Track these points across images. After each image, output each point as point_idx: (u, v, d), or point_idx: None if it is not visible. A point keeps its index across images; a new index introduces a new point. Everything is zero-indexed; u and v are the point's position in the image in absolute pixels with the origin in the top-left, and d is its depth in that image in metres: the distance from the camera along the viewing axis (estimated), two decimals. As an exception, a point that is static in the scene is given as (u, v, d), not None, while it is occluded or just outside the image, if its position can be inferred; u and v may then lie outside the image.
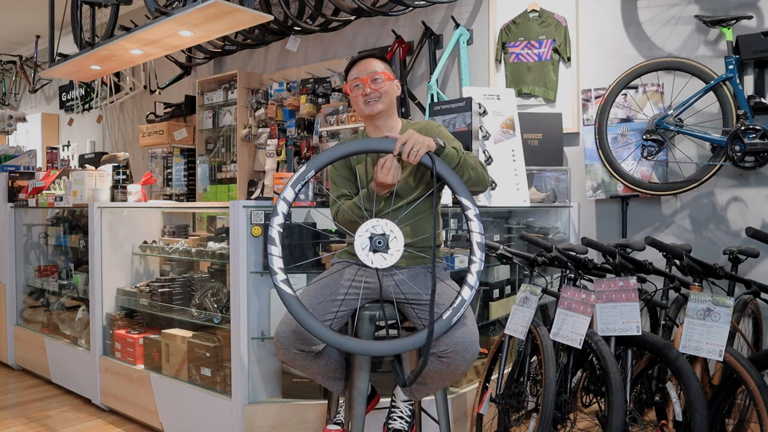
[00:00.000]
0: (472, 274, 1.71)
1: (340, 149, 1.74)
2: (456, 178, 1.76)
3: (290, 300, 1.65)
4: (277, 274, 1.64)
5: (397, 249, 1.66)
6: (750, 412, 2.34)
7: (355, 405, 1.95)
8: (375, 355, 1.80)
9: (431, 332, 1.68)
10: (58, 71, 4.09)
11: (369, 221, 1.66)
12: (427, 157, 1.74)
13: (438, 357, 1.79)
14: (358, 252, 1.65)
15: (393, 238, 1.65)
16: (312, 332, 1.66)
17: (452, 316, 1.71)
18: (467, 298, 1.72)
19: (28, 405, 3.38)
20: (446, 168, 1.76)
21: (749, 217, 2.98)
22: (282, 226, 1.66)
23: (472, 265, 1.72)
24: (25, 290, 4.14)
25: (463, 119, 2.77)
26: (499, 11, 3.80)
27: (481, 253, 1.72)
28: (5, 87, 8.42)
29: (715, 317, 1.90)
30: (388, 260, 1.65)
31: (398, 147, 1.74)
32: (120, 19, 3.86)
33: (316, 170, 1.70)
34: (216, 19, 3.01)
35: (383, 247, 1.64)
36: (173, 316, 3.00)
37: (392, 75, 2.07)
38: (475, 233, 1.72)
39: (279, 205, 1.67)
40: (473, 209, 1.72)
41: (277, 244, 1.65)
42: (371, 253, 1.65)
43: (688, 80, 3.03)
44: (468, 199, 1.73)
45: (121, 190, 3.35)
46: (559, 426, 2.09)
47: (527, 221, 3.28)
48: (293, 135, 4.78)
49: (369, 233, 1.65)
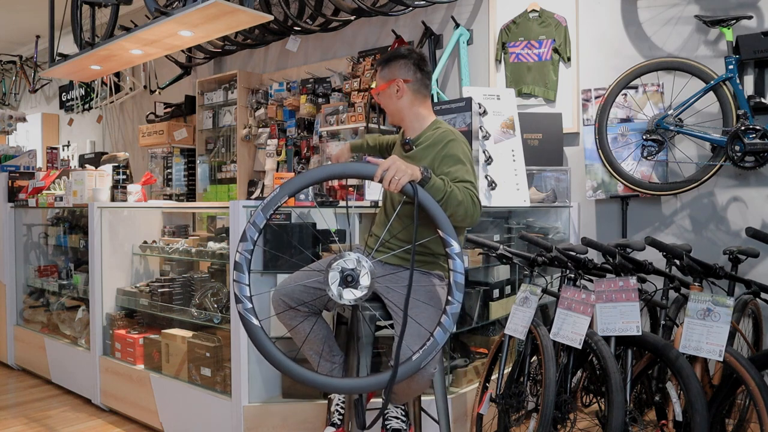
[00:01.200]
0: (448, 316, 1.59)
1: (317, 173, 1.63)
2: (439, 211, 1.63)
3: (255, 330, 1.56)
4: (241, 302, 1.54)
5: (367, 285, 1.58)
6: (750, 412, 2.34)
7: (355, 405, 1.95)
8: (337, 392, 1.81)
9: (394, 376, 1.57)
10: (58, 71, 4.09)
11: (340, 255, 1.59)
12: (410, 186, 1.63)
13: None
14: (327, 287, 1.59)
15: (364, 274, 1.58)
16: (274, 364, 1.58)
17: (421, 359, 1.59)
18: (440, 341, 1.59)
19: (28, 405, 3.38)
20: (430, 200, 1.64)
21: (749, 217, 2.98)
22: (250, 252, 1.55)
23: (449, 306, 1.59)
24: (25, 290, 4.14)
25: (463, 119, 2.77)
26: (499, 11, 3.80)
27: (459, 294, 1.60)
28: (5, 87, 8.42)
29: (715, 317, 1.90)
30: (357, 295, 1.58)
31: (379, 173, 1.64)
32: (120, 19, 3.86)
33: (290, 195, 1.60)
34: (216, 19, 3.01)
35: (353, 283, 1.58)
36: (173, 316, 3.00)
37: (387, 81, 2.04)
38: (455, 272, 1.60)
39: (248, 230, 1.56)
40: (455, 246, 1.60)
41: (244, 270, 1.54)
42: (341, 288, 1.58)
43: (688, 80, 3.03)
44: (450, 235, 1.61)
45: (121, 190, 3.35)
46: (559, 426, 2.09)
47: (527, 221, 3.28)
48: (293, 135, 4.78)
49: (339, 267, 1.58)
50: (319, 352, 2.03)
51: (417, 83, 2.05)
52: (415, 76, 2.04)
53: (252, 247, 1.56)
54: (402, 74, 2.04)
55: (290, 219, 2.58)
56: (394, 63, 2.06)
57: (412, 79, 2.04)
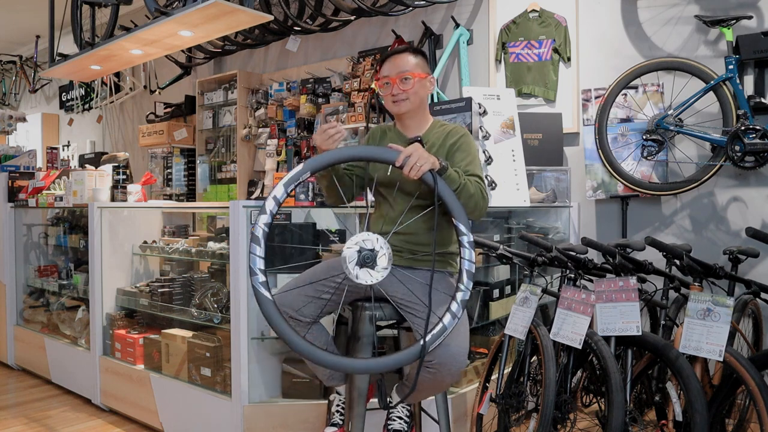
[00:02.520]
0: (457, 302, 1.66)
1: (341, 153, 1.69)
2: (456, 201, 1.70)
3: (267, 303, 1.58)
4: (256, 275, 1.57)
5: (384, 267, 1.60)
6: (750, 412, 2.34)
7: (355, 405, 1.95)
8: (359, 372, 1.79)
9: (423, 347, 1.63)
10: (58, 71, 4.10)
11: (360, 234, 1.60)
12: (430, 175, 1.69)
13: (425, 367, 1.78)
14: (344, 264, 1.60)
15: (382, 255, 1.60)
16: (286, 340, 1.60)
17: (431, 342, 1.65)
18: (448, 326, 1.66)
19: (28, 405, 3.38)
20: (447, 189, 1.71)
21: (749, 217, 2.98)
22: (268, 225, 1.58)
23: (459, 293, 1.66)
24: (25, 290, 4.14)
25: (463, 119, 2.78)
26: (499, 11, 3.80)
27: (469, 282, 1.66)
28: (5, 87, 8.42)
29: (715, 317, 1.90)
30: (374, 276, 1.60)
31: (401, 159, 1.69)
32: (120, 19, 3.86)
33: (312, 172, 1.64)
34: (216, 19, 3.01)
35: (371, 263, 1.59)
36: (173, 316, 3.00)
37: (425, 71, 2.03)
38: (466, 260, 1.66)
39: (267, 203, 1.59)
40: (468, 236, 1.66)
41: (261, 243, 1.57)
42: (357, 267, 1.59)
43: (688, 80, 3.03)
44: (464, 224, 1.67)
45: (121, 190, 3.35)
46: (559, 426, 2.09)
47: (527, 221, 3.28)
48: (293, 135, 4.78)
49: (358, 246, 1.59)
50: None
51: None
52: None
53: (271, 221, 1.59)
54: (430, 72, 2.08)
55: (290, 219, 2.58)
56: (425, 59, 2.07)
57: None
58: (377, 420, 2.27)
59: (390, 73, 2.00)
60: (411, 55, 2.02)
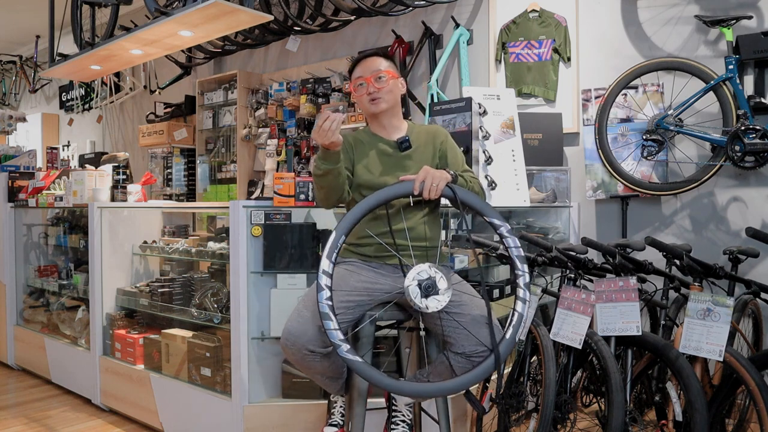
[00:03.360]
0: (521, 287, 1.74)
1: (365, 205, 1.75)
2: (479, 201, 1.79)
3: (361, 367, 1.66)
4: (340, 346, 1.64)
5: (446, 288, 1.69)
6: (750, 412, 2.34)
7: (355, 405, 1.95)
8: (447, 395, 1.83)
9: (498, 356, 1.70)
10: (58, 71, 4.09)
11: (414, 268, 1.69)
12: (448, 189, 1.78)
13: (467, 357, 1.79)
14: (411, 299, 1.68)
15: (440, 278, 1.69)
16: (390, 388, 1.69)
17: (514, 333, 1.73)
18: (524, 313, 1.73)
19: (28, 405, 3.38)
20: (468, 194, 1.80)
21: (749, 217, 2.98)
22: (330, 299, 1.66)
23: (519, 279, 1.74)
24: (25, 290, 4.14)
25: (463, 119, 2.78)
26: (499, 11, 3.80)
27: (522, 266, 1.74)
28: (5, 87, 8.42)
29: (715, 317, 1.90)
30: (442, 301, 1.69)
31: (418, 186, 1.76)
32: (120, 19, 3.86)
33: (345, 234, 1.71)
34: (216, 19, 3.01)
35: (434, 291, 1.68)
36: (173, 316, 3.00)
37: (396, 73, 2.06)
38: (512, 248, 1.75)
39: (322, 280, 1.66)
40: (504, 226, 1.75)
41: (332, 318, 1.64)
42: (424, 299, 1.68)
43: (688, 80, 3.03)
44: (497, 218, 1.76)
45: (121, 190, 3.35)
46: (559, 426, 2.09)
47: (527, 221, 3.28)
48: (293, 135, 4.78)
49: (416, 281, 1.68)
50: (331, 375, 1.98)
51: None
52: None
53: (330, 294, 1.66)
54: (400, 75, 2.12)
55: (290, 219, 2.58)
56: (394, 63, 2.10)
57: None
58: (377, 420, 2.27)
59: (364, 74, 2.02)
60: (382, 57, 2.06)
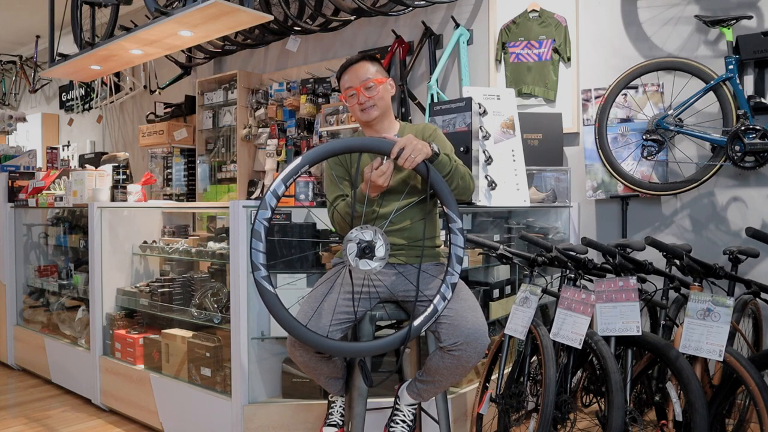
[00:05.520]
0: (447, 285, 1.73)
1: (337, 144, 1.71)
2: (447, 189, 1.76)
3: (270, 297, 1.62)
4: (259, 269, 1.60)
5: (381, 257, 1.67)
6: (750, 412, 2.34)
7: (355, 405, 1.95)
8: (352, 356, 1.85)
9: (409, 330, 1.70)
10: (58, 71, 4.09)
11: (362, 227, 1.66)
12: (423, 165, 1.74)
13: (448, 351, 1.80)
14: (345, 256, 1.66)
15: (379, 246, 1.66)
16: (292, 332, 1.65)
17: (422, 324, 1.73)
18: (439, 309, 1.74)
19: (28, 405, 3.38)
20: (439, 178, 1.77)
21: (749, 217, 2.98)
22: (268, 220, 1.61)
23: (449, 277, 1.73)
24: (25, 290, 4.14)
25: (463, 119, 2.77)
26: (499, 11, 3.80)
27: (458, 267, 1.74)
28: (5, 87, 8.42)
29: (715, 317, 1.90)
30: (373, 266, 1.66)
31: (396, 150, 1.72)
32: (120, 19, 3.86)
33: (310, 164, 1.66)
34: (216, 19, 3.01)
35: (370, 254, 1.66)
36: (173, 316, 3.00)
37: (383, 77, 2.07)
38: (456, 246, 1.73)
39: (267, 198, 1.61)
40: (458, 223, 1.74)
41: (262, 238, 1.60)
42: (357, 259, 1.66)
43: (688, 80, 3.03)
44: (455, 212, 1.74)
45: (121, 190, 3.35)
46: (559, 426, 2.09)
47: (527, 221, 3.28)
48: (293, 135, 4.78)
49: (358, 239, 1.65)
50: (333, 376, 2.01)
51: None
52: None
53: (271, 216, 1.62)
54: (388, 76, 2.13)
55: (290, 219, 2.58)
56: (380, 64, 2.11)
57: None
58: (377, 420, 2.27)
59: (353, 84, 2.04)
60: (368, 62, 2.06)
